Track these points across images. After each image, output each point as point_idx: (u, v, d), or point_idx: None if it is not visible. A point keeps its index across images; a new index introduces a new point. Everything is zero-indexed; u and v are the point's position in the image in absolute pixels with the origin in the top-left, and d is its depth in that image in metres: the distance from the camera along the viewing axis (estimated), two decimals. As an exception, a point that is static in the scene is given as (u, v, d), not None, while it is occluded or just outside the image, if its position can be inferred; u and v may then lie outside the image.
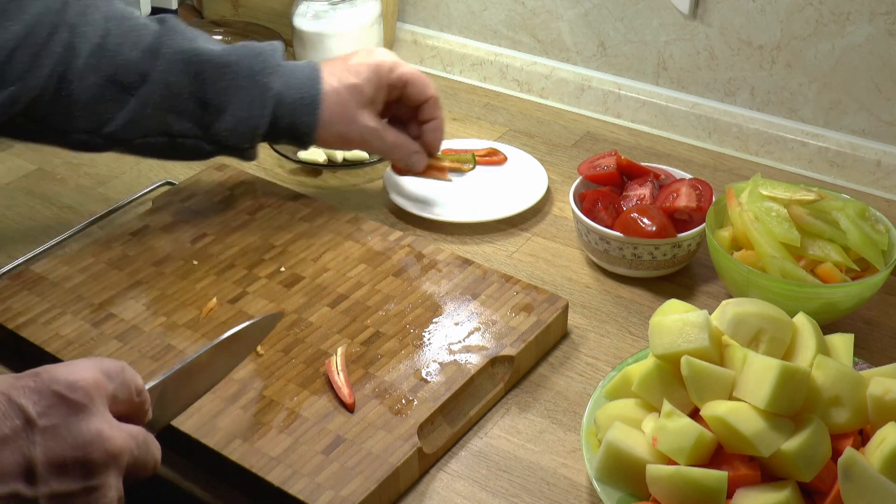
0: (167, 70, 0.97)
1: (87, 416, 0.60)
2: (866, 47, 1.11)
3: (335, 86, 1.01)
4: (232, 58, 0.98)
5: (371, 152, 1.08)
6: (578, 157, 1.21)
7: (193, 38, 0.99)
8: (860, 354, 0.91)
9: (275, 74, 0.99)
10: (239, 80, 0.98)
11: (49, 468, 0.58)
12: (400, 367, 0.87)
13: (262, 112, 0.99)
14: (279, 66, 1.00)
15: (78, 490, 0.59)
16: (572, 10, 1.29)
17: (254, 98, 0.98)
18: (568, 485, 0.81)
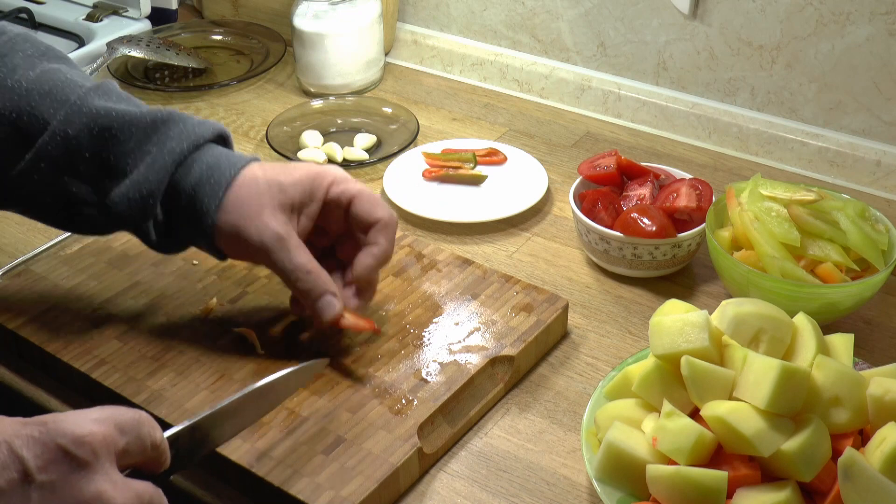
0: (67, 121, 0.83)
1: (89, 475, 0.58)
2: (866, 47, 1.11)
3: (256, 174, 0.84)
4: (147, 119, 0.84)
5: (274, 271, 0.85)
6: (578, 157, 1.21)
7: (118, 100, 0.86)
8: (860, 354, 0.91)
9: (188, 142, 0.84)
10: (149, 144, 0.84)
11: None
12: (400, 367, 0.87)
13: (159, 177, 0.82)
14: (201, 137, 0.85)
15: None
16: (572, 10, 1.29)
17: (155, 161, 0.83)
18: (568, 485, 0.81)
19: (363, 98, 1.33)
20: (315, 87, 1.36)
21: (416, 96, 1.37)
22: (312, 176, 0.85)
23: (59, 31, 1.54)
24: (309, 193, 0.85)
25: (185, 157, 0.84)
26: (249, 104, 1.36)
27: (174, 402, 0.83)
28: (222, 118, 1.33)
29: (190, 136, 0.84)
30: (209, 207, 0.83)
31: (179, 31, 1.51)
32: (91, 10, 1.54)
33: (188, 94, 1.38)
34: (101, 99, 0.85)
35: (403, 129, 1.25)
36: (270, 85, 1.41)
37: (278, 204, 0.83)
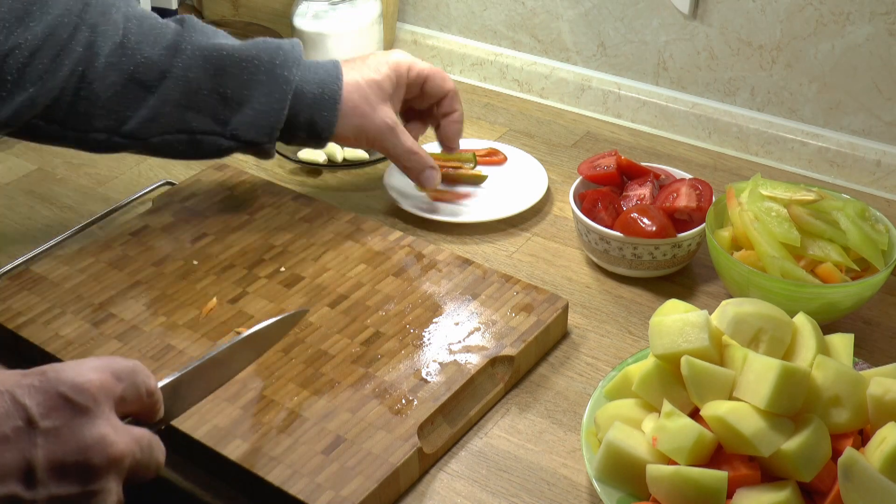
0: (186, 66, 0.97)
1: (91, 420, 0.60)
2: (866, 47, 1.11)
3: (357, 79, 1.02)
4: (252, 52, 0.98)
5: (385, 154, 1.06)
6: (578, 157, 1.21)
7: (213, 35, 0.99)
8: (860, 354, 0.91)
9: (294, 68, 0.99)
10: (259, 73, 0.98)
11: (49, 471, 0.57)
12: (400, 367, 0.87)
13: (280, 106, 0.98)
14: (299, 60, 1.00)
15: (76, 494, 0.58)
16: (572, 10, 1.29)
17: (272, 91, 0.98)
18: (568, 485, 0.81)
19: None
20: (315, 87, 1.36)
21: (416, 96, 1.37)
22: (393, 66, 1.04)
23: (59, 31, 1.54)
24: (395, 83, 1.04)
25: (300, 83, 0.99)
26: (249, 104, 1.36)
27: (174, 402, 0.83)
28: (222, 118, 1.33)
29: (290, 62, 0.99)
30: (329, 123, 1.01)
31: (179, 31, 1.51)
32: (91, 10, 1.54)
33: (188, 94, 1.38)
34: (202, 37, 0.98)
35: None
36: (270, 85, 1.41)
37: (383, 99, 1.03)
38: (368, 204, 1.15)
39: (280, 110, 0.98)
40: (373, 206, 1.15)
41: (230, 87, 0.98)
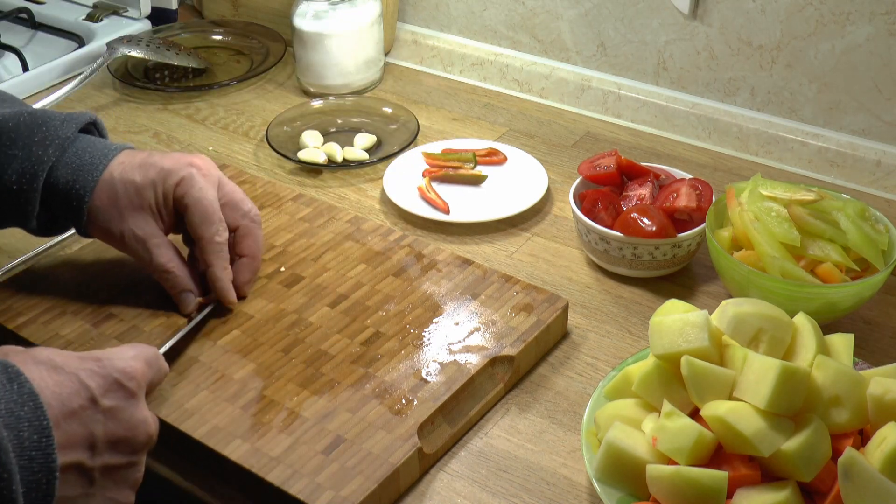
0: None
1: (137, 403, 0.69)
2: (866, 47, 1.11)
3: (114, 177, 0.89)
4: (10, 124, 0.89)
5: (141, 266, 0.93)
6: (578, 157, 1.21)
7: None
8: (860, 354, 0.91)
9: (53, 147, 0.88)
10: (14, 148, 0.88)
11: (106, 443, 0.66)
12: (400, 367, 0.87)
13: (32, 185, 0.88)
14: (66, 138, 0.89)
15: (123, 464, 0.68)
16: (572, 10, 1.29)
17: (25, 170, 0.88)
18: (568, 485, 0.81)
19: (363, 98, 1.33)
20: (315, 87, 1.36)
21: (416, 96, 1.37)
22: (164, 176, 0.89)
23: (59, 31, 1.54)
24: (162, 194, 0.90)
25: (55, 164, 0.89)
26: (249, 104, 1.36)
27: (174, 402, 0.83)
28: (222, 118, 1.33)
29: (55, 140, 0.89)
30: (78, 217, 0.90)
31: (179, 31, 1.51)
32: (91, 10, 1.54)
33: (188, 93, 1.38)
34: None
35: (403, 129, 1.25)
36: (270, 85, 1.41)
37: (137, 206, 0.89)
38: (368, 204, 1.15)
39: (32, 191, 0.88)
40: (373, 206, 1.15)
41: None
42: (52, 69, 1.41)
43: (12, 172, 0.88)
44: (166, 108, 1.35)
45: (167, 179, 0.89)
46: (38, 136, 0.89)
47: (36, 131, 0.89)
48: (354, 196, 1.17)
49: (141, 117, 1.33)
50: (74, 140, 0.90)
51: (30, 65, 1.44)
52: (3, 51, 1.48)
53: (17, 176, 0.88)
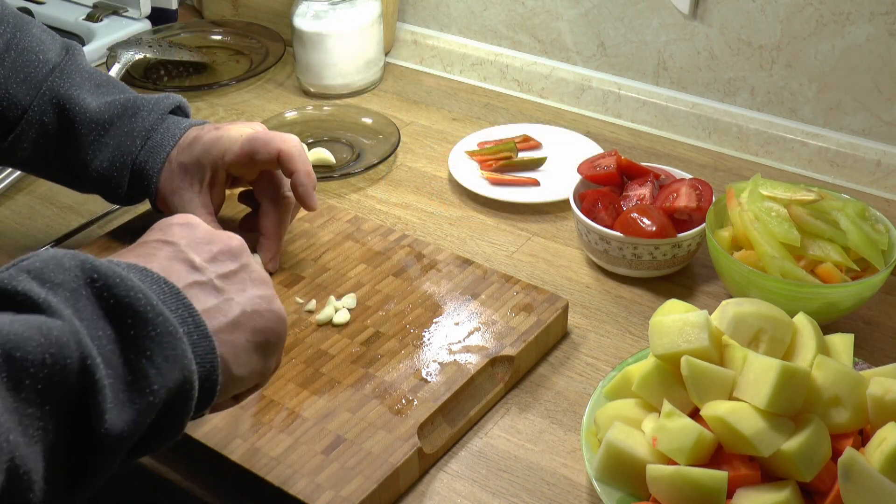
0: (41, 110, 0.97)
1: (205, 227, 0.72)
2: (866, 47, 1.11)
3: (171, 158, 0.96)
4: (105, 115, 0.97)
5: None
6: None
7: (80, 83, 0.98)
8: (860, 354, 0.91)
9: (140, 137, 0.96)
10: (107, 137, 0.96)
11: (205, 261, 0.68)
12: (400, 367, 0.87)
13: (122, 172, 0.97)
14: (152, 126, 0.97)
15: (236, 269, 0.70)
16: (572, 10, 1.29)
17: (115, 158, 0.96)
18: (568, 485, 0.81)
19: (339, 108, 1.31)
20: (315, 87, 1.36)
21: (416, 96, 1.37)
22: (207, 149, 0.95)
23: (59, 31, 1.53)
24: (210, 169, 0.95)
25: (139, 152, 0.96)
26: (249, 104, 1.37)
27: (174, 402, 0.83)
28: (222, 118, 1.33)
29: (142, 131, 0.96)
30: (150, 188, 0.97)
31: (179, 31, 1.51)
32: (91, 10, 1.54)
33: (188, 93, 1.38)
34: (66, 84, 0.97)
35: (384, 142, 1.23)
36: (270, 85, 1.41)
37: (187, 185, 0.96)
38: (368, 204, 1.15)
39: (121, 177, 0.97)
40: (373, 206, 1.15)
41: (77, 144, 0.97)
42: (52, 69, 1.41)
43: (103, 159, 0.96)
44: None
45: (208, 155, 0.95)
46: (127, 126, 0.96)
47: (126, 122, 0.96)
48: (354, 196, 1.17)
49: (141, 117, 1.33)
50: (158, 126, 0.97)
51: (30, 65, 1.43)
52: (3, 51, 1.48)
53: (108, 163, 0.96)
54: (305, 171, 0.94)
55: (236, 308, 0.67)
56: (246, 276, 0.70)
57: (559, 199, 1.12)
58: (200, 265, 0.68)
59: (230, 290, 0.68)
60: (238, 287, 0.69)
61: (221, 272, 0.69)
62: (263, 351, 0.69)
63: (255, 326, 0.68)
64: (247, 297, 0.69)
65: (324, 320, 0.92)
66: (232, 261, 0.70)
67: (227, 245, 0.71)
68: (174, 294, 0.63)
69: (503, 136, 1.23)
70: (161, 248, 0.68)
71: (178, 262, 0.67)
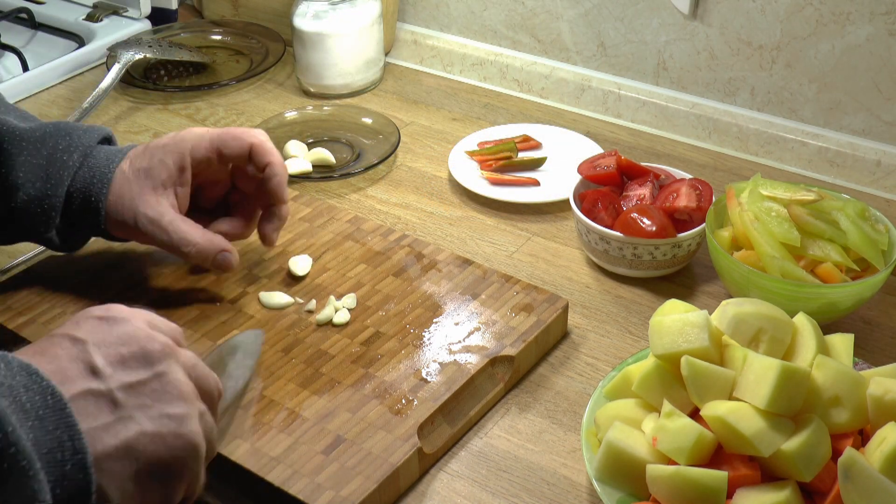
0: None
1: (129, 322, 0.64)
2: (866, 47, 1.11)
3: (124, 168, 0.91)
4: (36, 134, 0.90)
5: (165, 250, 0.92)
6: (578, 157, 1.21)
7: (6, 111, 0.93)
8: (860, 354, 0.91)
9: (77, 153, 0.90)
10: (39, 157, 0.90)
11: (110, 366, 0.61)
12: (400, 367, 0.87)
13: (56, 192, 0.89)
14: (89, 146, 0.91)
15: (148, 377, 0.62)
16: (572, 10, 1.29)
17: (50, 176, 0.89)
18: (568, 485, 0.81)
19: (339, 108, 1.31)
20: (315, 87, 1.36)
21: (416, 96, 1.37)
22: (171, 149, 0.91)
23: (59, 31, 1.54)
24: (176, 167, 0.91)
25: (78, 169, 0.90)
26: (249, 104, 1.37)
27: (174, 402, 0.83)
28: (222, 118, 1.33)
29: (79, 147, 0.91)
30: (98, 209, 0.90)
31: (179, 31, 1.51)
32: (91, 10, 1.54)
33: (187, 93, 1.38)
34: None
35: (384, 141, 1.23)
36: (270, 85, 1.41)
37: (149, 189, 0.90)
38: (368, 204, 1.15)
39: (56, 196, 0.89)
40: (373, 206, 1.15)
41: (6, 167, 0.89)
42: (52, 69, 1.41)
43: (36, 180, 0.89)
44: (166, 108, 1.35)
45: (176, 152, 0.90)
46: (62, 143, 0.90)
47: (60, 140, 0.90)
48: (354, 196, 1.17)
49: (141, 117, 1.33)
50: (94, 147, 0.92)
51: (30, 65, 1.44)
52: (3, 51, 1.48)
53: (41, 183, 0.89)
54: (280, 162, 0.93)
55: (133, 428, 0.59)
56: (158, 387, 0.62)
57: (559, 199, 1.12)
58: (103, 370, 0.60)
59: (131, 405, 0.60)
60: (143, 402, 0.60)
61: (127, 381, 0.61)
62: (162, 481, 0.60)
63: (154, 453, 0.60)
64: (151, 414, 0.60)
65: (324, 320, 0.92)
66: (145, 368, 0.62)
67: (143, 347, 0.62)
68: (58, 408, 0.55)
69: (503, 136, 1.23)
70: (64, 345, 0.61)
71: (77, 363, 0.60)
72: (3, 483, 0.51)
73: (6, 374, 0.55)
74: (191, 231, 0.91)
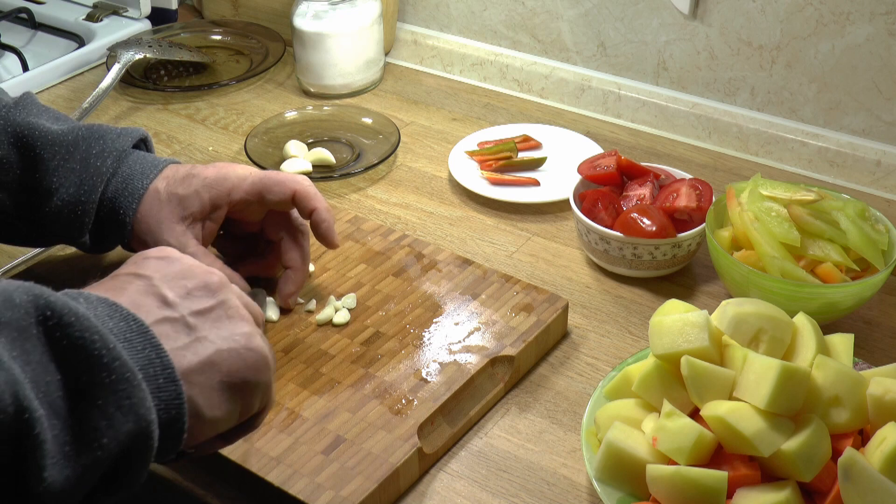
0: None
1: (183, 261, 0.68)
2: (866, 47, 1.11)
3: (158, 188, 0.90)
4: (69, 137, 0.90)
5: None
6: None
7: (38, 114, 0.92)
8: (860, 354, 0.91)
9: (111, 158, 0.90)
10: (72, 161, 0.90)
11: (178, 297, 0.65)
12: (400, 367, 0.87)
13: (90, 197, 0.89)
14: (123, 151, 0.91)
15: (212, 305, 0.66)
16: (572, 10, 1.29)
17: (84, 181, 0.89)
18: (568, 485, 0.81)
19: (339, 108, 1.31)
20: (315, 87, 1.36)
21: (416, 96, 1.37)
22: (209, 183, 0.90)
23: (59, 31, 1.54)
24: (210, 203, 0.91)
25: (112, 176, 0.90)
26: (249, 104, 1.37)
27: (174, 402, 0.83)
28: (222, 118, 1.33)
29: (112, 152, 0.90)
30: (125, 222, 0.90)
31: (179, 31, 1.51)
32: (91, 10, 1.54)
33: (187, 93, 1.38)
34: (23, 113, 0.91)
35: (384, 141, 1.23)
36: (270, 85, 1.41)
37: (177, 217, 0.90)
38: (368, 204, 1.15)
39: (89, 203, 0.89)
40: (373, 206, 1.15)
41: (40, 171, 0.89)
42: (52, 69, 1.41)
43: (70, 185, 0.89)
44: (166, 108, 1.35)
45: (215, 188, 0.90)
46: (95, 148, 0.90)
47: (94, 144, 0.90)
48: (354, 196, 1.17)
49: (141, 117, 1.33)
50: (130, 153, 0.92)
51: (30, 65, 1.44)
52: (3, 51, 1.48)
53: (75, 188, 0.89)
54: (326, 208, 0.92)
55: (210, 347, 0.63)
56: (223, 313, 0.66)
57: (559, 199, 1.12)
58: (173, 301, 0.64)
59: (204, 327, 0.64)
60: (213, 325, 0.65)
61: (196, 309, 0.65)
62: (241, 392, 0.65)
63: (231, 366, 0.64)
64: (222, 335, 0.65)
65: (324, 320, 0.92)
66: (208, 297, 0.66)
67: (204, 280, 0.67)
68: (142, 332, 0.60)
69: (503, 136, 1.23)
70: (133, 282, 0.65)
71: (149, 296, 0.64)
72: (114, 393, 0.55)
73: (88, 307, 0.59)
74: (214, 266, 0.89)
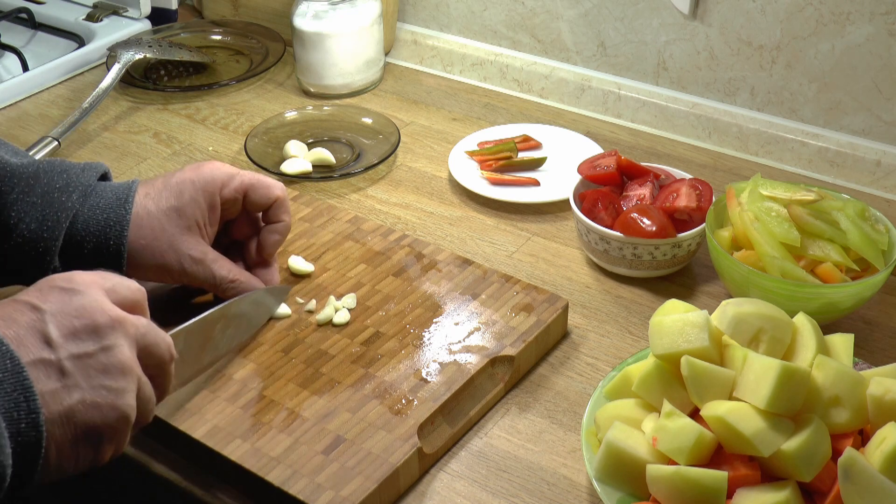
0: None
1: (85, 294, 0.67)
2: (866, 47, 1.11)
3: (149, 208, 0.88)
4: (29, 170, 0.86)
5: (196, 286, 0.91)
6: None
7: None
8: (860, 354, 0.91)
9: (76, 193, 0.86)
10: (33, 195, 0.85)
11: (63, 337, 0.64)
12: (400, 367, 0.87)
13: (53, 234, 0.85)
14: (88, 185, 0.87)
15: (95, 350, 0.65)
16: (572, 10, 1.29)
17: (47, 217, 0.85)
18: (568, 485, 0.81)
19: (339, 108, 1.31)
20: (315, 87, 1.36)
21: (416, 96, 1.37)
22: (200, 187, 0.89)
23: (59, 31, 1.54)
24: (208, 206, 0.90)
25: (78, 211, 0.87)
26: (249, 104, 1.37)
27: (174, 401, 0.83)
28: (222, 118, 1.33)
29: (78, 187, 0.87)
30: (118, 252, 0.87)
31: (179, 31, 1.51)
32: (91, 10, 1.54)
33: (187, 93, 1.38)
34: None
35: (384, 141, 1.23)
36: (270, 85, 1.41)
37: (184, 228, 0.88)
38: (368, 204, 1.15)
39: (52, 239, 0.85)
40: (373, 206, 1.15)
41: None
42: (52, 69, 1.41)
43: (30, 221, 0.85)
44: (166, 108, 1.35)
45: (207, 189, 0.89)
46: (59, 182, 0.86)
47: (56, 178, 0.87)
48: (354, 196, 1.17)
49: (141, 117, 1.33)
50: (95, 187, 0.88)
51: (30, 65, 1.44)
52: (3, 51, 1.48)
53: (36, 224, 0.85)
54: (288, 224, 0.93)
55: (75, 396, 0.64)
56: (103, 361, 0.65)
57: (559, 199, 1.12)
58: (56, 341, 0.64)
59: (77, 374, 0.64)
60: (86, 373, 0.64)
61: (75, 352, 0.64)
62: (95, 446, 0.65)
63: (88, 421, 0.64)
64: (92, 385, 0.64)
65: (324, 320, 0.92)
66: (93, 340, 0.65)
67: (94, 321, 0.66)
68: (15, 372, 0.60)
69: (503, 136, 1.23)
70: (25, 314, 0.65)
71: (33, 332, 0.64)
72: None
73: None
74: (233, 269, 0.91)
